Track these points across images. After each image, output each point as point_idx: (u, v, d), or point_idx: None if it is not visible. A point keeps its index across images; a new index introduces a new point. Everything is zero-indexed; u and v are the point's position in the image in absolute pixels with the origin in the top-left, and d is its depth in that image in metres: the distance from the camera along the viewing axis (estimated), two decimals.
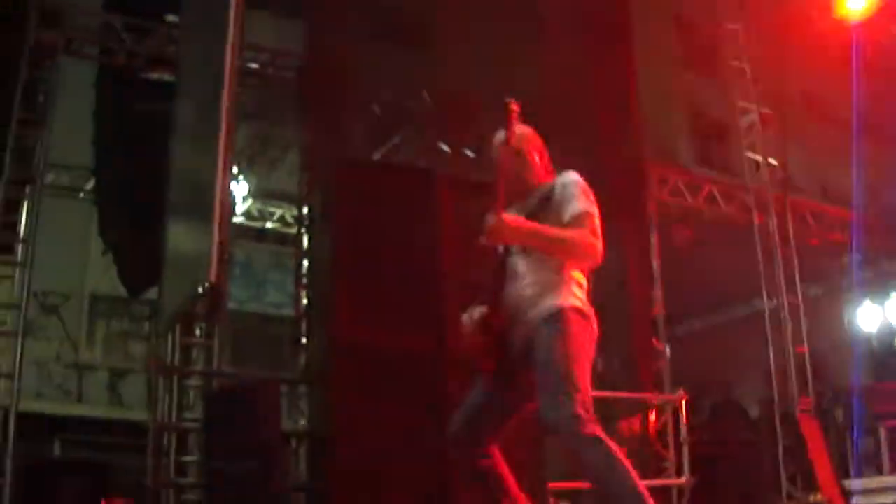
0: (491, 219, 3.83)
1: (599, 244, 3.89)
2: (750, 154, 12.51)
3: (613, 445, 3.63)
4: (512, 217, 3.89)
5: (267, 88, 10.89)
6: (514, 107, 3.91)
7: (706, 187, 12.12)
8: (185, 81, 9.24)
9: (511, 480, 4.02)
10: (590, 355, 3.87)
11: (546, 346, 3.76)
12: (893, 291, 14.88)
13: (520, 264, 3.98)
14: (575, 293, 3.93)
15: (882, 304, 14.89)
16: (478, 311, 3.99)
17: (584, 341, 3.86)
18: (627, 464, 3.62)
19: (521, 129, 4.09)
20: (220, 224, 7.09)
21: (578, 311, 3.90)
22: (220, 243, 7.01)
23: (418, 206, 7.67)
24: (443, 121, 10.22)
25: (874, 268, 15.10)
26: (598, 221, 3.92)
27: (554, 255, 3.93)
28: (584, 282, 4.01)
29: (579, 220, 3.89)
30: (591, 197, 3.99)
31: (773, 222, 12.22)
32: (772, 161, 12.47)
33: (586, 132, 10.31)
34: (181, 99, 9.23)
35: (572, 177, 4.05)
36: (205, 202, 7.29)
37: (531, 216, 3.97)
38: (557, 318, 3.82)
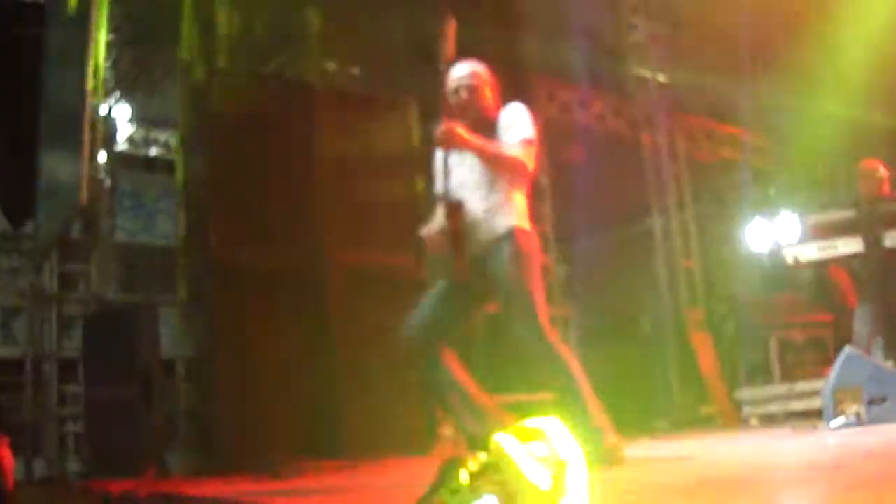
0: (441, 126, 4.37)
1: (532, 165, 4.55)
2: (638, 70, 12.54)
3: (566, 351, 4.34)
4: (459, 127, 4.41)
5: (145, 7, 10.49)
6: (453, 22, 4.43)
7: (595, 104, 12.09)
8: (53, 2, 8.87)
9: (474, 388, 4.47)
10: (541, 268, 4.53)
11: (507, 267, 4.36)
12: (782, 209, 15.13)
13: (470, 182, 4.52)
14: (522, 215, 4.53)
15: (772, 221, 15.14)
16: (437, 219, 4.48)
17: (537, 257, 4.50)
18: (576, 366, 4.31)
19: (477, 66, 4.72)
20: (89, 145, 6.89)
21: (527, 231, 4.51)
22: (91, 165, 6.81)
23: (294, 120, 7.53)
24: (328, 40, 9.97)
25: (764, 186, 15.38)
26: (534, 146, 4.56)
27: (492, 168, 4.49)
28: (525, 206, 4.60)
29: (518, 143, 4.50)
30: (532, 124, 4.59)
31: (663, 139, 12.33)
32: (661, 78, 12.53)
33: (474, 50, 10.19)
34: (51, 21, 8.87)
35: (517, 107, 4.66)
36: (76, 127, 7.07)
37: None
38: (511, 236, 4.42)
